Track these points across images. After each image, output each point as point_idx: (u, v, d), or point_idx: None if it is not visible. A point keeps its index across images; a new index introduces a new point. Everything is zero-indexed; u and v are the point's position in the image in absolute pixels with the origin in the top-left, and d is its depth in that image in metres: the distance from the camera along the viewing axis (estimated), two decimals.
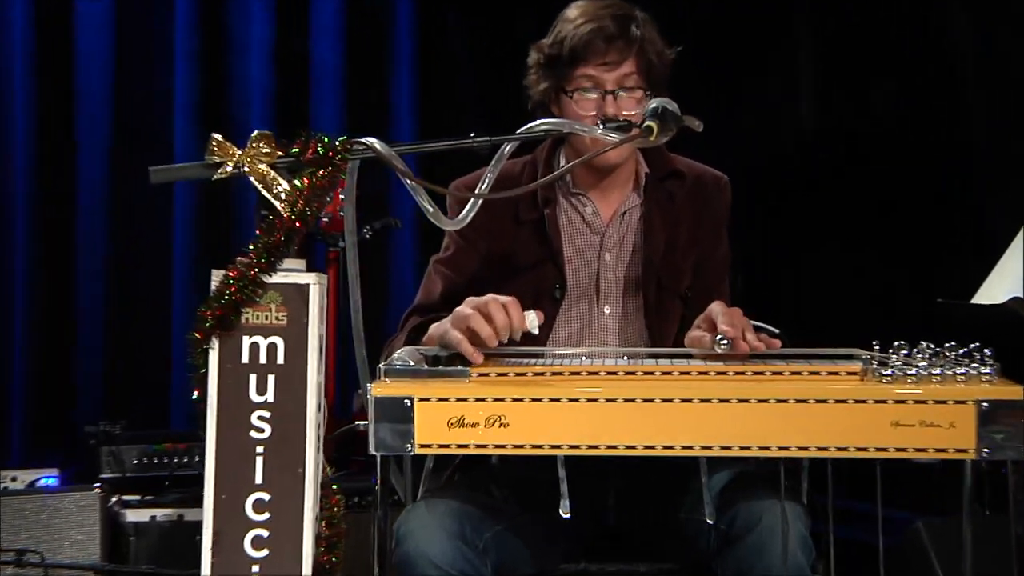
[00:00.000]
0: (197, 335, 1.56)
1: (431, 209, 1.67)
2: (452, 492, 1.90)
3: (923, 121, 3.91)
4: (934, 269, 3.79)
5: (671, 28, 2.09)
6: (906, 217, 3.87)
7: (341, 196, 1.65)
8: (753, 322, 3.49)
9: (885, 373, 1.56)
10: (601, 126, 1.68)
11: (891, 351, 1.59)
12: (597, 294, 2.11)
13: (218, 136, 1.58)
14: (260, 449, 1.55)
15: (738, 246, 2.30)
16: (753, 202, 4.08)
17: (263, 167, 1.56)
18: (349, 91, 4.17)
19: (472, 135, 1.67)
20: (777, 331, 3.44)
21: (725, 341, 1.72)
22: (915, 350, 1.58)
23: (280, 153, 1.57)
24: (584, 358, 1.79)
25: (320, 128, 1.70)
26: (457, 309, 1.77)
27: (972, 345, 1.57)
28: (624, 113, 1.98)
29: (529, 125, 1.72)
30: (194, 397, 1.57)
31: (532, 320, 1.76)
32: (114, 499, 3.01)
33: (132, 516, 2.99)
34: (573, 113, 2.02)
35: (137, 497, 3.10)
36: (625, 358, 1.78)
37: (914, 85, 3.94)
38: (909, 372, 1.55)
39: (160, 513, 2.99)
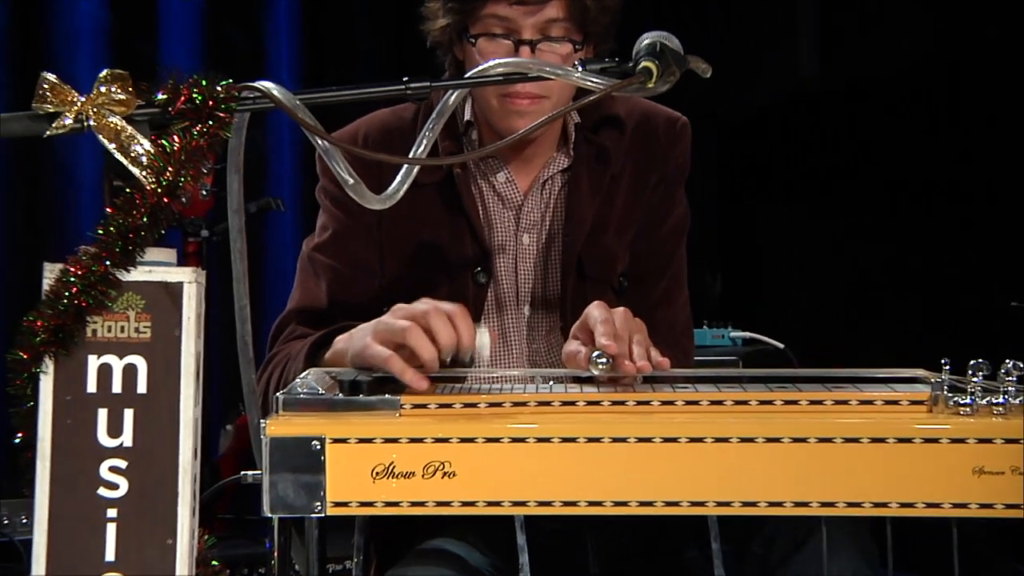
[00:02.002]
0: (21, 355, 1.48)
1: (351, 181, 1.61)
2: (433, 556, 1.80)
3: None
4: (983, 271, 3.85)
5: None
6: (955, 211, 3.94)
7: (205, 169, 1.56)
8: (752, 335, 3.52)
9: (963, 402, 1.53)
10: (580, 67, 1.59)
11: (970, 372, 1.55)
12: (516, 290, 2.03)
13: (51, 77, 1.51)
14: (112, 513, 1.48)
15: (739, 240, 2.27)
16: (771, 192, 4.13)
17: (116, 120, 1.51)
18: (209, 32, 4.19)
19: (405, 80, 1.61)
20: (782, 345, 3.48)
21: (603, 360, 1.66)
22: (1002, 371, 1.55)
23: (140, 102, 1.52)
24: (551, 383, 1.74)
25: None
26: (383, 318, 1.72)
27: None
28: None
29: (482, 66, 1.67)
30: (16, 441, 1.50)
31: (484, 340, 1.73)
32: None
33: None
34: (475, 65, 1.94)
35: None
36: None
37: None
38: (995, 401, 1.52)
39: None
